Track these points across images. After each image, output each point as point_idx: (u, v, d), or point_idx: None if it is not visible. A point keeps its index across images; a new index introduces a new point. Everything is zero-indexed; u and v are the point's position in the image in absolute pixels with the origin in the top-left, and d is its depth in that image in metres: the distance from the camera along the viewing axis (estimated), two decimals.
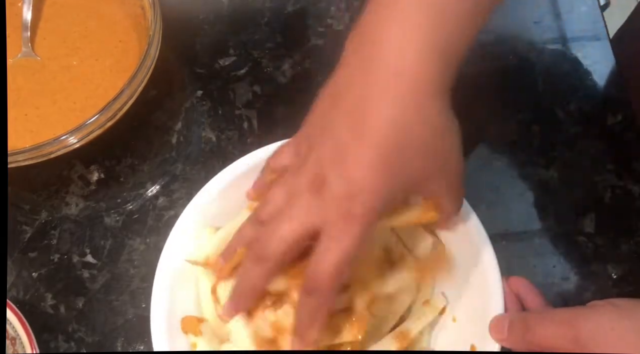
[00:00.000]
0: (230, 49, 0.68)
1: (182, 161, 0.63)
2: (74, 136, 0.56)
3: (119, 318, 0.57)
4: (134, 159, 0.63)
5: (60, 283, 0.58)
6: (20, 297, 0.58)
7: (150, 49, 0.58)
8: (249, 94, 0.65)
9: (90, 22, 0.66)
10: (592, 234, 0.57)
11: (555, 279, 0.56)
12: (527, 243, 0.57)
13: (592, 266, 0.56)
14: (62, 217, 0.61)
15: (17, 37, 0.65)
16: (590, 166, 0.60)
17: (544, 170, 0.60)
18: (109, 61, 0.64)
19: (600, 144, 0.61)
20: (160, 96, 0.65)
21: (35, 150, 0.55)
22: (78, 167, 0.63)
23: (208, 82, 0.66)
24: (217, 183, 0.51)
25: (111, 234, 0.60)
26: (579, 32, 0.66)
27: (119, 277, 0.58)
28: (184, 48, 0.68)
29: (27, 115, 0.62)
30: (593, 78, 0.64)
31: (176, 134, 0.64)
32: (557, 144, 0.61)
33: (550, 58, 0.65)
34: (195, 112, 0.65)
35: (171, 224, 0.58)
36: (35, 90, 0.63)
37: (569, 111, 0.62)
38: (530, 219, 0.58)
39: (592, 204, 0.59)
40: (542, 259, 0.57)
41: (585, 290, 0.56)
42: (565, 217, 0.58)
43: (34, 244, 0.60)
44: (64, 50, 0.65)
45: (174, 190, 0.61)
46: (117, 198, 0.62)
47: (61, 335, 0.56)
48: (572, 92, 0.63)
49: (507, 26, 0.67)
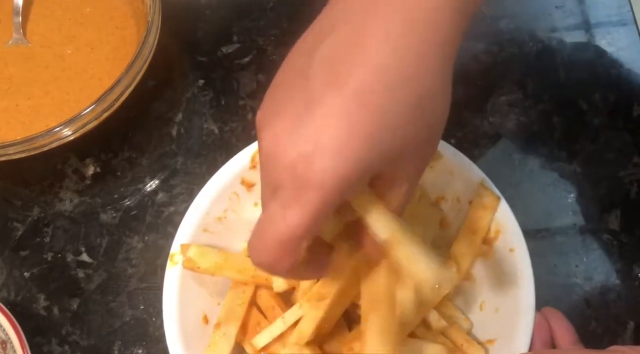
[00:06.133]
0: (234, 35, 0.67)
1: (183, 154, 0.62)
2: (68, 128, 0.55)
3: (115, 320, 0.56)
4: (131, 152, 0.63)
5: (54, 283, 0.58)
6: (12, 298, 0.57)
7: (149, 36, 0.58)
8: (253, 84, 0.65)
9: (86, 8, 0.66)
10: (617, 232, 0.57)
11: (578, 280, 0.56)
12: (548, 241, 0.57)
13: (617, 265, 0.56)
14: (55, 214, 0.60)
15: (9, 23, 0.65)
16: (615, 159, 0.60)
17: (566, 164, 0.60)
18: (105, 49, 0.64)
19: (625, 136, 0.60)
20: (159, 86, 0.65)
21: (27, 142, 0.55)
22: (72, 161, 0.62)
23: (210, 71, 0.66)
24: (220, 178, 0.51)
25: (107, 232, 0.59)
26: (604, 17, 0.66)
27: (115, 277, 0.58)
28: (184, 35, 0.67)
29: (18, 105, 0.61)
30: (618, 66, 0.63)
31: (176, 125, 0.64)
32: (580, 137, 0.60)
33: (572, 45, 0.65)
34: (197, 102, 0.64)
35: (171, 220, 0.58)
36: (27, 79, 0.63)
37: (593, 102, 0.62)
38: (552, 216, 0.58)
39: (617, 199, 0.58)
40: (564, 259, 0.56)
41: (610, 291, 0.55)
42: (589, 214, 0.58)
43: (26, 242, 0.60)
44: (58, 38, 0.65)
45: (174, 185, 0.61)
46: (114, 193, 0.61)
47: (55, 338, 0.56)
48: (596, 82, 0.63)
49: (526, 11, 0.66)
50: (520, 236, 0.48)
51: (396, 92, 0.32)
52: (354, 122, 0.32)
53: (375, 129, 0.32)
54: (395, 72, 0.32)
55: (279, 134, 0.33)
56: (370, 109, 0.32)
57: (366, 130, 0.32)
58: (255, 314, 0.49)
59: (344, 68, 0.32)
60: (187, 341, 0.47)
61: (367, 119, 0.32)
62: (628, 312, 0.54)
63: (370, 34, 0.33)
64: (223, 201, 0.51)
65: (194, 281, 0.49)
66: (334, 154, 0.31)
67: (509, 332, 0.46)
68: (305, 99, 0.33)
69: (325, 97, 0.32)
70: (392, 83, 0.32)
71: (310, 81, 0.33)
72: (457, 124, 0.60)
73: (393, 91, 0.32)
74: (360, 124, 0.32)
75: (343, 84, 0.32)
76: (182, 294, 0.48)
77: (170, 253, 0.49)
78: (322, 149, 0.31)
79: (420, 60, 0.33)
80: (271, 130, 0.34)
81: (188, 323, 0.48)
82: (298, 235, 0.33)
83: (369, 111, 0.32)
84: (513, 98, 0.62)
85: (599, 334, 0.53)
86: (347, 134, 0.31)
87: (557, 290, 0.54)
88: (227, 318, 0.48)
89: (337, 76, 0.32)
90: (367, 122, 0.32)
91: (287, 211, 0.33)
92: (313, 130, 0.32)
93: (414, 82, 0.33)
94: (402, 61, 0.32)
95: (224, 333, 0.47)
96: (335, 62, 0.33)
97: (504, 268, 0.48)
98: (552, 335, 0.47)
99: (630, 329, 0.53)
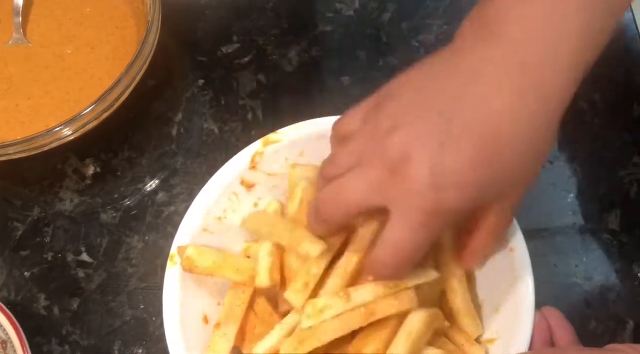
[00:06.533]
0: (234, 35, 0.67)
1: (183, 154, 0.62)
2: (69, 128, 0.55)
3: (116, 320, 0.56)
4: (131, 152, 0.62)
5: (54, 283, 0.58)
6: (12, 298, 0.57)
7: (149, 36, 0.58)
8: (253, 84, 0.65)
9: (86, 8, 0.66)
10: (617, 232, 0.56)
11: (578, 280, 0.55)
12: (548, 241, 0.57)
13: (617, 265, 0.55)
14: (56, 214, 0.60)
15: (9, 23, 0.65)
16: (615, 159, 0.59)
17: (566, 164, 0.59)
18: (105, 49, 0.64)
19: (625, 136, 0.60)
20: (159, 86, 0.64)
21: (28, 142, 0.55)
22: (73, 161, 0.62)
23: (210, 71, 0.66)
24: (220, 178, 0.50)
25: (108, 232, 0.59)
26: None
27: (116, 277, 0.57)
28: (185, 35, 0.67)
29: (18, 105, 0.61)
30: (618, 66, 0.62)
31: (176, 125, 0.63)
32: (580, 137, 0.60)
33: None
34: (197, 102, 0.64)
35: (171, 220, 0.58)
36: (28, 79, 0.63)
37: (593, 102, 0.61)
38: (552, 216, 0.57)
39: (618, 199, 0.58)
40: (564, 258, 0.56)
41: (610, 291, 0.55)
42: (589, 214, 0.57)
43: (27, 242, 0.59)
44: (58, 38, 0.65)
45: (174, 185, 0.61)
46: (114, 193, 0.61)
47: (55, 338, 0.56)
48: (596, 82, 0.60)
49: None
50: (520, 236, 0.48)
51: (513, 131, 0.36)
52: (477, 160, 0.36)
53: (492, 167, 0.36)
54: (514, 113, 0.36)
55: (423, 135, 0.37)
56: (490, 149, 0.36)
57: (487, 169, 0.36)
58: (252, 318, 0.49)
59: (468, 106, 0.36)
60: (187, 341, 0.47)
61: (487, 159, 0.36)
62: (628, 312, 0.53)
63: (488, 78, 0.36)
64: (223, 201, 0.51)
65: (194, 281, 0.49)
66: (460, 190, 0.36)
67: (509, 332, 0.46)
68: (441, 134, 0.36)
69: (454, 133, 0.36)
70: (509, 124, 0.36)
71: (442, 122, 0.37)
72: None
73: (510, 130, 0.36)
74: (482, 163, 0.36)
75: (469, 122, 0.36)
76: (182, 295, 0.48)
77: (171, 254, 0.49)
78: (451, 184, 0.36)
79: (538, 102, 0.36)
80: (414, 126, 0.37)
81: (189, 323, 0.48)
82: (418, 251, 0.39)
83: (488, 150, 0.36)
84: None
85: (599, 334, 0.53)
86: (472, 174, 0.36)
87: (557, 290, 0.54)
88: (227, 319, 0.48)
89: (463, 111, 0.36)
90: (486, 162, 0.36)
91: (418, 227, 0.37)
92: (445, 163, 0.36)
93: (529, 123, 0.36)
94: (521, 104, 0.36)
95: (224, 334, 0.47)
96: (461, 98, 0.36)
97: (504, 267, 0.48)
98: (552, 335, 0.47)
99: (630, 329, 0.53)
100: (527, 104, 0.36)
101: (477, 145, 0.35)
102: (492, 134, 0.35)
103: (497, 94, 0.36)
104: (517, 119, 0.36)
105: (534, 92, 0.36)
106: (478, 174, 0.36)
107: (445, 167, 0.36)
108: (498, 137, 0.36)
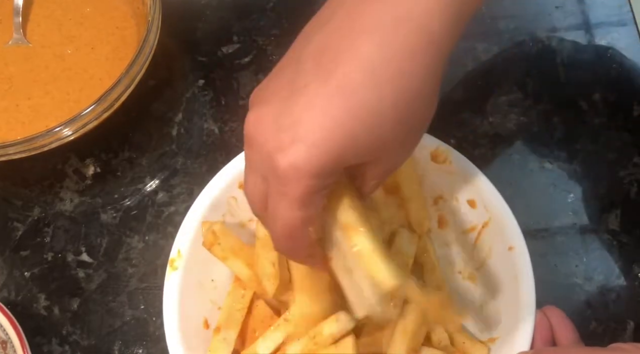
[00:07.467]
0: (234, 35, 0.67)
1: (183, 154, 0.62)
2: (69, 128, 0.55)
3: (116, 320, 0.56)
4: (131, 152, 0.62)
5: (54, 283, 0.58)
6: (12, 298, 0.57)
7: (149, 35, 0.58)
8: (253, 84, 0.64)
9: (86, 8, 0.65)
10: (617, 232, 0.56)
11: (578, 280, 0.55)
12: (548, 241, 0.57)
13: (617, 265, 0.56)
14: (56, 214, 0.60)
15: (9, 23, 0.65)
16: (615, 159, 0.59)
17: (566, 164, 0.59)
18: (105, 49, 0.64)
19: (625, 136, 0.60)
20: (159, 86, 0.64)
21: (28, 142, 0.54)
22: (73, 161, 0.62)
23: (210, 71, 0.65)
24: (218, 182, 0.50)
25: (108, 232, 0.59)
26: (604, 17, 0.65)
27: (116, 277, 0.57)
28: (184, 35, 0.67)
29: (18, 105, 0.61)
30: (618, 66, 0.63)
31: (176, 125, 0.63)
32: (579, 137, 0.60)
33: (572, 45, 0.64)
34: (197, 102, 0.64)
35: (171, 220, 0.58)
36: (28, 79, 0.62)
37: (593, 101, 0.61)
38: (552, 216, 0.57)
39: (617, 199, 0.58)
40: (563, 258, 0.56)
41: (610, 291, 0.55)
42: (589, 214, 0.57)
43: (27, 242, 0.59)
44: (58, 38, 0.65)
45: (174, 185, 0.61)
46: (114, 193, 0.61)
47: (55, 338, 0.56)
48: (596, 82, 0.62)
49: (526, 11, 0.66)
50: (520, 236, 0.48)
51: (379, 90, 0.32)
52: (334, 116, 0.32)
53: (354, 125, 0.32)
54: (380, 70, 0.32)
55: (263, 117, 0.34)
56: (351, 105, 0.32)
57: (345, 126, 0.32)
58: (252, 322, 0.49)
59: (332, 60, 0.33)
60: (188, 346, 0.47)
61: (347, 115, 0.32)
62: (628, 312, 0.53)
63: (360, 27, 0.33)
64: (221, 205, 0.51)
65: (194, 286, 0.49)
66: (310, 147, 0.32)
67: (510, 331, 0.46)
68: (292, 86, 0.33)
69: (309, 88, 0.33)
70: (376, 81, 0.32)
71: (299, 70, 0.34)
72: (457, 124, 0.60)
73: (376, 90, 0.32)
74: (340, 120, 0.32)
75: (328, 76, 0.32)
76: (182, 300, 0.48)
77: (170, 258, 0.49)
78: (298, 141, 0.32)
79: (405, 62, 0.33)
80: (257, 111, 0.35)
81: (189, 328, 0.48)
82: (298, 225, 0.34)
83: (350, 107, 0.32)
84: (513, 98, 0.61)
85: (599, 334, 0.53)
86: (325, 129, 0.32)
87: (557, 290, 0.54)
88: (226, 323, 0.48)
89: (323, 68, 0.33)
90: (346, 118, 0.32)
91: (279, 207, 0.34)
92: (292, 120, 0.33)
93: (397, 82, 0.33)
94: (389, 60, 0.33)
95: (224, 338, 0.47)
96: (324, 53, 0.33)
97: (504, 267, 0.48)
98: (553, 333, 0.47)
99: (630, 329, 0.53)
100: (405, 51, 0.33)
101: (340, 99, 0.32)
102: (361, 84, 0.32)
103: (369, 39, 0.33)
104: (396, 69, 0.33)
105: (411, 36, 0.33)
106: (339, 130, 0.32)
107: (297, 123, 0.33)
108: (369, 89, 0.32)
